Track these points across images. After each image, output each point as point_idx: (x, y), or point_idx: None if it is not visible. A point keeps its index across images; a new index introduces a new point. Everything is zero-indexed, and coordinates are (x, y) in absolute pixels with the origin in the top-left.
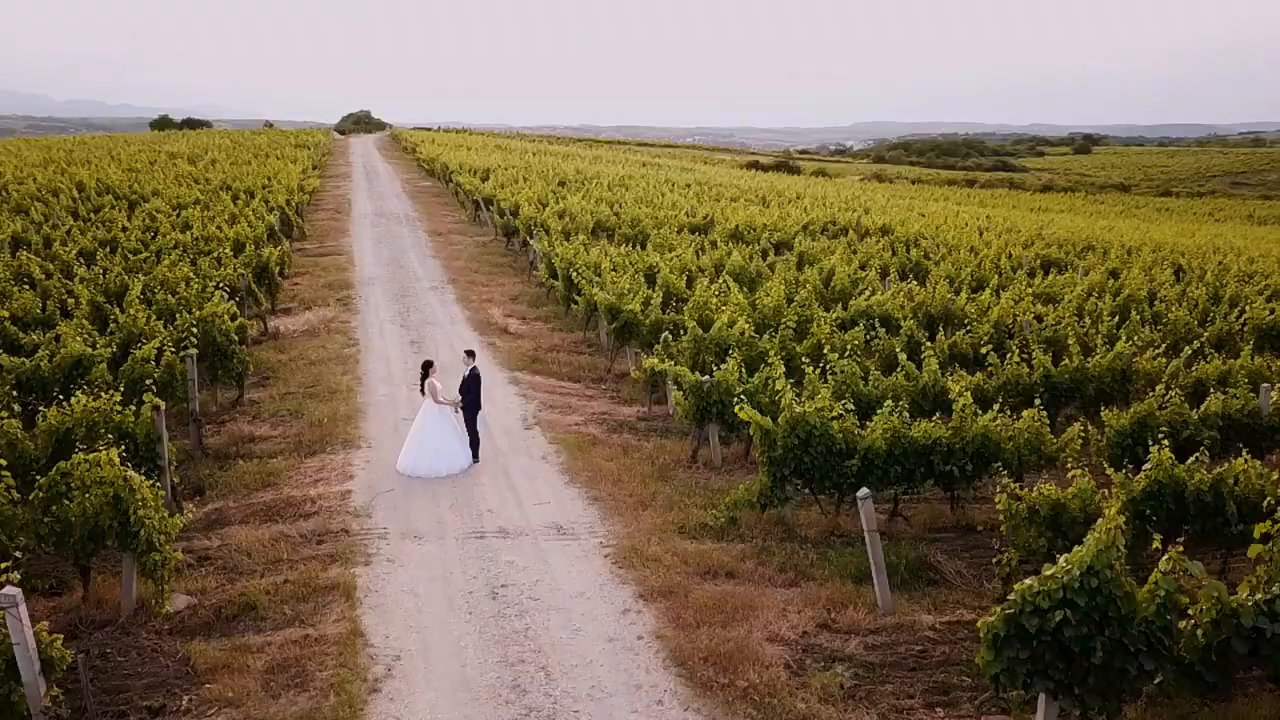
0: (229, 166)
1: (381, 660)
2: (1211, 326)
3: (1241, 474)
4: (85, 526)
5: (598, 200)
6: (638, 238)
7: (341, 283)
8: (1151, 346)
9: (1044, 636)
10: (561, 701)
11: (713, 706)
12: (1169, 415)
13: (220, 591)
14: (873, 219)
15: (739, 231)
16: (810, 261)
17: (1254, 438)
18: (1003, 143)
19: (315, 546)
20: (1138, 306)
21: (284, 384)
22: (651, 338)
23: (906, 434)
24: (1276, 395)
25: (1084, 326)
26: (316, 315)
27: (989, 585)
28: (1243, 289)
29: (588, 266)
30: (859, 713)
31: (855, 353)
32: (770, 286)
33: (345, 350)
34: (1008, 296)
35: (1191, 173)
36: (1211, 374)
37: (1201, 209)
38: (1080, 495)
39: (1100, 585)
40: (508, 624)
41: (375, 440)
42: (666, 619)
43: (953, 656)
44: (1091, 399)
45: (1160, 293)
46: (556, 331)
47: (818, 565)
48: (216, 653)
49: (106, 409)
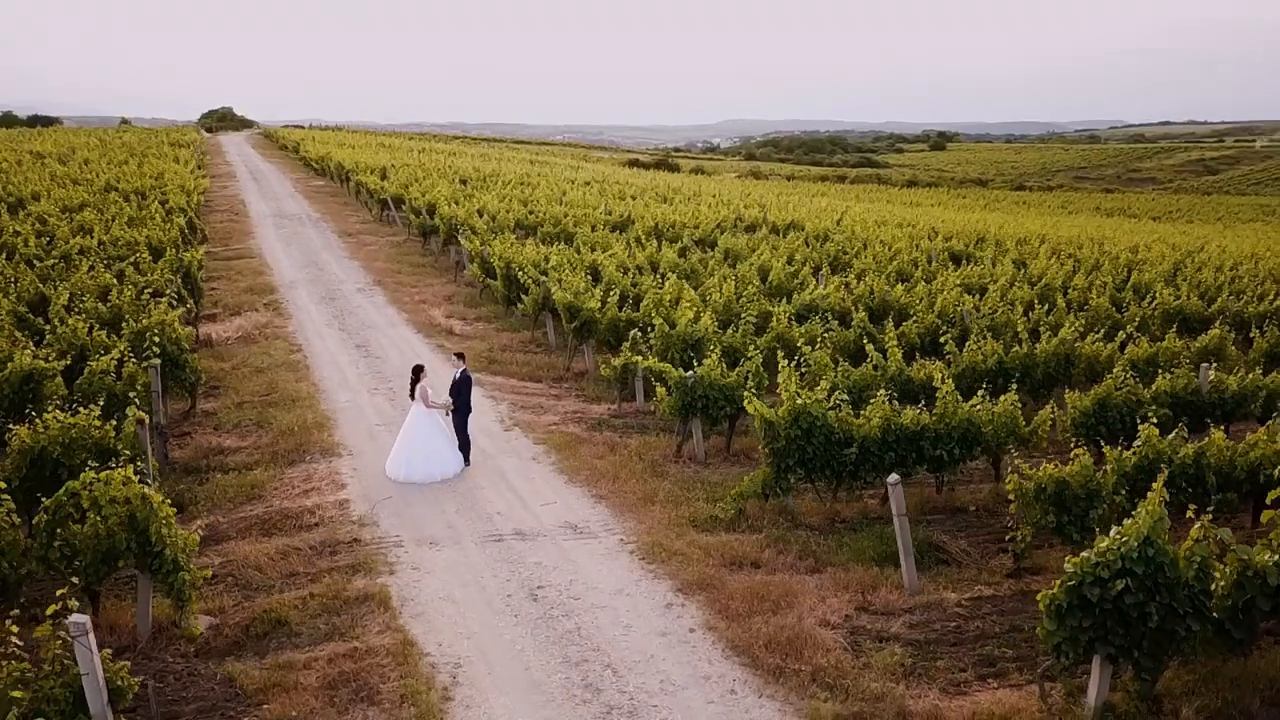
0: (106, 167)
1: (444, 669)
2: (1128, 312)
3: (1216, 447)
4: (99, 549)
5: (508, 199)
6: (560, 236)
7: (262, 287)
8: (1092, 332)
9: (1105, 605)
10: (637, 697)
11: (786, 691)
12: (1124, 395)
13: (241, 609)
14: (776, 215)
15: (659, 229)
16: (737, 258)
17: (1196, 413)
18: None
19: (330, 558)
20: (1052, 295)
21: (235, 393)
22: (609, 335)
23: (898, 421)
24: (1214, 374)
25: (1018, 315)
26: (248, 321)
27: (994, 562)
28: (1142, 276)
29: (533, 265)
30: (922, 688)
31: (824, 345)
32: (713, 283)
33: (291, 357)
34: (936, 287)
35: (1038, 168)
36: (1141, 356)
37: (1054, 201)
38: (1082, 472)
39: (1154, 554)
40: (557, 625)
41: (355, 448)
42: (712, 610)
43: (986, 631)
44: (1039, 382)
45: (1073, 281)
46: (502, 332)
47: (834, 551)
48: (259, 672)
49: (85, 425)
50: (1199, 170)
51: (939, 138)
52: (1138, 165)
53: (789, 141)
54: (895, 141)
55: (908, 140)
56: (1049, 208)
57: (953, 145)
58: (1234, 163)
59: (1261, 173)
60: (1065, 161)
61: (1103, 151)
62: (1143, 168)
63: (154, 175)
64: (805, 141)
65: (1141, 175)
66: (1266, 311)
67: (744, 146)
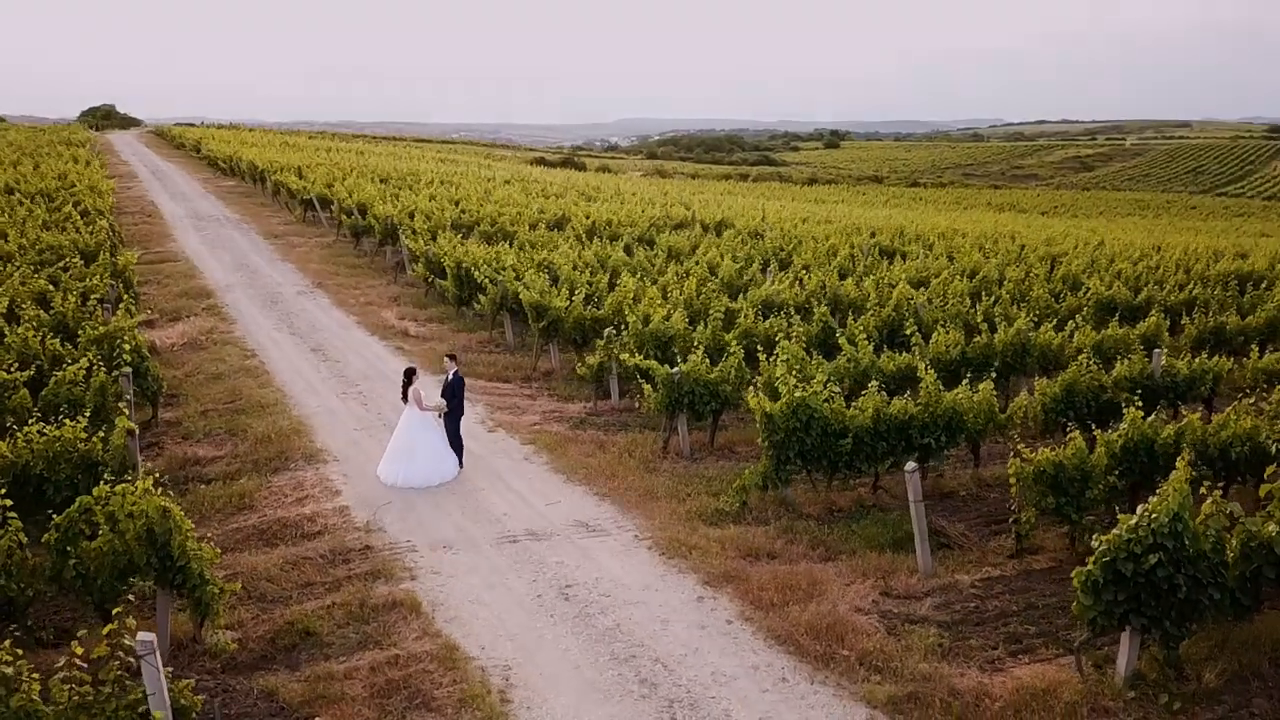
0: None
1: (494, 672)
2: (1065, 302)
3: (1193, 428)
4: (116, 565)
5: (438, 198)
6: (498, 235)
7: (197, 291)
8: (1045, 321)
9: (1139, 578)
10: (693, 690)
11: (837, 676)
12: (1088, 381)
13: (261, 622)
14: (705, 213)
15: (595, 227)
16: (679, 255)
17: (1152, 396)
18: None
19: (344, 566)
20: (989, 287)
21: (196, 401)
22: (576, 334)
23: (888, 412)
24: (1165, 360)
25: (967, 307)
26: (191, 326)
27: (993, 544)
28: (1067, 269)
29: (489, 265)
30: (962, 667)
31: (798, 339)
32: (669, 279)
33: (248, 363)
34: (885, 281)
35: (929, 165)
36: (1089, 344)
37: (948, 197)
38: (1076, 455)
39: (1182, 529)
40: (595, 622)
41: (339, 454)
42: (744, 602)
43: (1004, 610)
44: (999, 371)
45: (1006, 274)
46: (458, 332)
47: (843, 540)
48: (298, 685)
49: (71, 438)
50: (1076, 167)
51: (832, 136)
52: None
53: (688, 140)
54: (790, 140)
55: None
56: (945, 203)
57: (845, 143)
58: (1108, 160)
59: (1133, 169)
60: (953, 159)
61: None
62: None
63: (56, 176)
64: (704, 140)
65: (1024, 172)
66: (1186, 300)
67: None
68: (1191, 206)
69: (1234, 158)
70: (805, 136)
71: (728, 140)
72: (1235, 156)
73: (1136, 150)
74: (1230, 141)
